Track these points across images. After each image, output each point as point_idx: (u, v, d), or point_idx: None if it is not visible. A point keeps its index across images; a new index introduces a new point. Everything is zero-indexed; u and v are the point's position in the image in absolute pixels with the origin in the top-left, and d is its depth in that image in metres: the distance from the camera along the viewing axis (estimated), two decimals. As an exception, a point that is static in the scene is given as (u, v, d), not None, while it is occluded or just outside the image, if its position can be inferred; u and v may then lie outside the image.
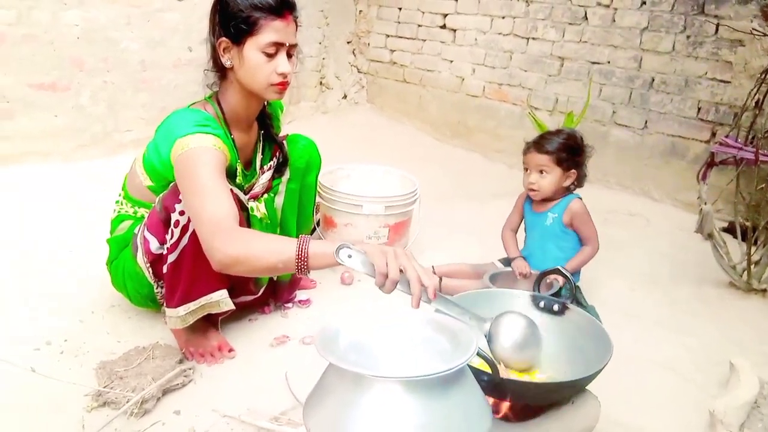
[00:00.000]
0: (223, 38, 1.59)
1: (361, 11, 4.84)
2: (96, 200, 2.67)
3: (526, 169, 2.19)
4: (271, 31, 1.56)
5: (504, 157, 3.98)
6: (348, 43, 4.88)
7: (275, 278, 2.00)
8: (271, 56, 1.58)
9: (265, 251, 1.31)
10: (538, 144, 2.15)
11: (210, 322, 1.79)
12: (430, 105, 4.53)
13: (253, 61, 1.58)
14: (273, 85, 1.61)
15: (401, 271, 1.15)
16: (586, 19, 3.62)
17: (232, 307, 1.70)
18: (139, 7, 3.34)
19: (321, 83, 4.75)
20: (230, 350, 1.79)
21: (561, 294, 1.70)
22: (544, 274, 1.63)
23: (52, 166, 3.08)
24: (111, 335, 1.83)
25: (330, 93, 4.80)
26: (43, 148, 3.10)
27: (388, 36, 4.74)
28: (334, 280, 2.30)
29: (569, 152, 2.13)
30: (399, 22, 4.64)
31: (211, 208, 1.40)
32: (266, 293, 1.98)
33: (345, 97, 4.91)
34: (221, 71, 1.67)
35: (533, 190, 2.16)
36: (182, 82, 3.58)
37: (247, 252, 1.32)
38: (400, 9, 4.61)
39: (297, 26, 1.64)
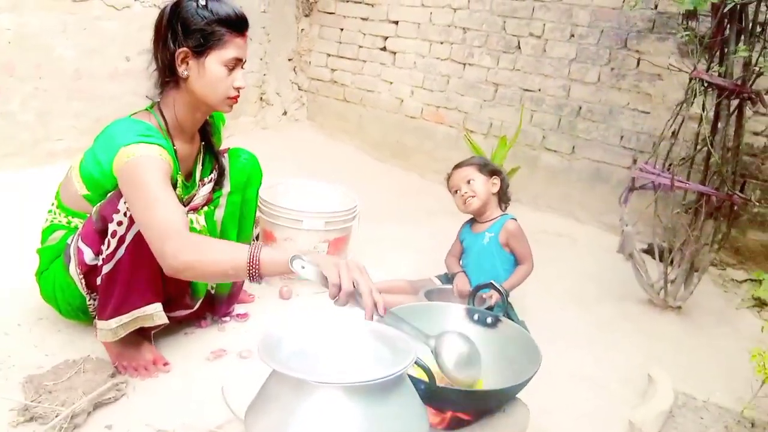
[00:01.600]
0: (184, 48, 1.58)
1: (303, 29, 4.88)
2: (23, 210, 2.57)
3: (455, 192, 2.29)
4: (234, 47, 1.60)
5: (440, 178, 4.03)
6: (289, 60, 4.91)
7: (213, 291, 1.99)
8: (230, 70, 1.61)
9: (216, 257, 1.32)
10: (456, 165, 2.35)
11: (143, 336, 1.76)
12: (370, 125, 4.61)
13: (213, 74, 1.60)
14: (229, 98, 1.66)
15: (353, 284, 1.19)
16: (519, 48, 3.79)
17: (166, 321, 1.68)
18: (75, 14, 3.26)
19: (261, 99, 4.74)
20: (165, 364, 1.76)
21: (494, 308, 1.78)
22: (478, 288, 1.70)
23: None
24: (39, 348, 1.76)
25: (270, 109, 4.80)
26: (-34, 154, 2.96)
27: (329, 55, 4.80)
28: (272, 294, 2.30)
29: (485, 164, 2.33)
30: (340, 42, 4.72)
31: (161, 215, 1.40)
32: (203, 307, 1.97)
33: (285, 113, 4.92)
34: (171, 81, 1.67)
35: (471, 197, 2.24)
36: (119, 93, 3.51)
37: (198, 257, 1.33)
38: (341, 29, 4.69)
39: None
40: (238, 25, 1.61)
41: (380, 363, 1.08)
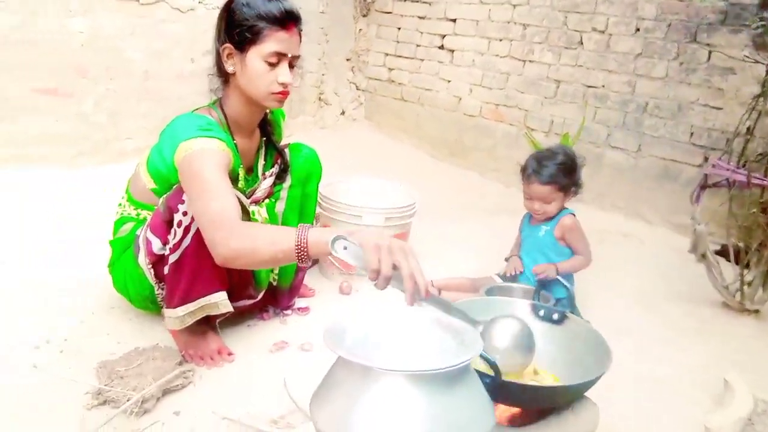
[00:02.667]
0: (228, 44, 1.63)
1: (360, 29, 4.91)
2: (96, 205, 2.66)
3: (529, 198, 2.22)
4: (275, 41, 1.60)
5: (501, 176, 4.02)
6: (347, 60, 4.95)
7: (275, 284, 2.01)
8: (273, 65, 1.62)
9: (266, 242, 1.33)
10: (538, 174, 2.15)
11: (209, 326, 1.80)
12: (428, 123, 4.59)
13: (254, 69, 1.62)
14: (273, 93, 1.65)
15: (395, 267, 1.15)
16: (582, 43, 3.70)
17: (231, 309, 1.71)
18: (143, 17, 3.38)
19: (320, 99, 4.80)
20: (229, 354, 1.79)
21: (559, 304, 1.73)
22: (542, 284, 1.66)
23: (52, 170, 3.08)
24: (111, 336, 1.83)
25: (328, 109, 4.85)
26: (44, 152, 3.11)
27: (386, 54, 4.81)
28: (332, 289, 2.32)
29: (567, 174, 2.17)
30: (398, 42, 4.72)
31: (214, 205, 1.42)
32: (265, 299, 1.99)
33: (343, 113, 4.96)
34: (224, 77, 1.71)
35: (543, 212, 2.20)
36: (184, 93, 3.61)
37: (249, 244, 1.34)
38: (399, 29, 4.69)
39: (301, 38, 1.68)
40: (279, 19, 1.60)
41: (446, 353, 1.06)
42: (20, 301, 1.95)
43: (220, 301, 1.67)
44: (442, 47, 4.43)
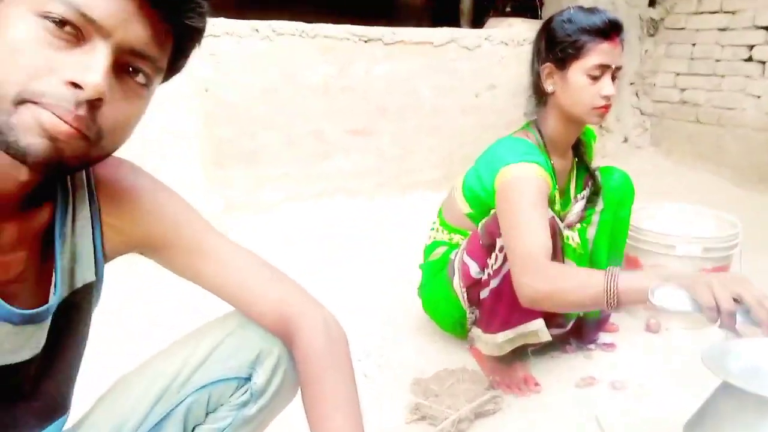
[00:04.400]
0: (548, 63, 1.62)
1: (646, 50, 4.59)
2: (394, 233, 2.91)
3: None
4: (598, 53, 1.55)
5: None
6: (631, 84, 4.65)
7: (581, 315, 1.91)
8: (595, 79, 1.57)
9: (572, 286, 1.28)
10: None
11: (514, 353, 1.77)
12: (730, 146, 4.06)
13: (577, 84, 1.58)
14: (595, 108, 1.59)
15: (735, 300, 1.00)
16: None
17: (549, 338, 1.66)
18: (435, 58, 3.61)
19: (600, 126, 4.58)
20: (536, 384, 1.74)
21: None
22: None
23: (356, 202, 3.44)
24: (420, 355, 1.91)
25: (610, 136, 4.60)
26: (351, 186, 3.48)
27: (677, 74, 4.41)
28: (638, 326, 2.13)
29: None
30: (692, 59, 4.29)
31: (524, 242, 1.41)
32: (568, 332, 1.91)
33: (626, 140, 4.66)
34: (542, 97, 1.70)
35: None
36: (467, 127, 3.76)
37: (555, 287, 1.30)
38: (693, 45, 4.26)
39: (623, 48, 1.61)
40: (603, 30, 1.55)
41: None
42: (347, 317, 2.15)
43: (539, 329, 1.63)
44: (749, 59, 3.90)
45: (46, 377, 0.77)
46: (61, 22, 0.60)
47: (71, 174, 0.75)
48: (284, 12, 3.51)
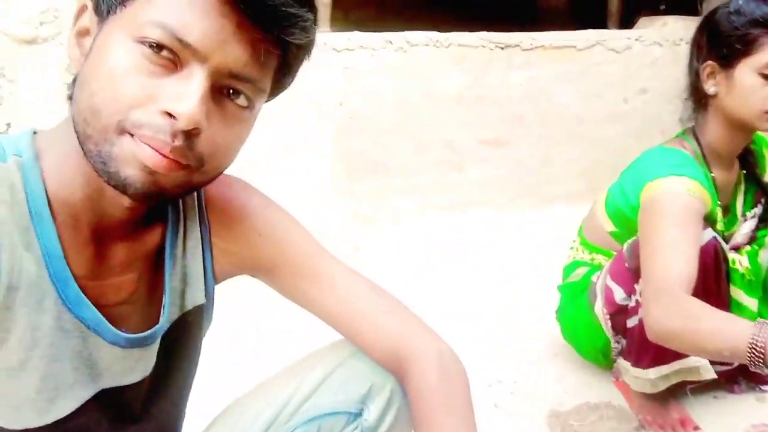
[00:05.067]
0: (710, 62, 1.42)
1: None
2: (529, 250, 2.75)
3: None
4: None
5: None
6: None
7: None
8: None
9: (709, 329, 1.13)
10: None
11: (670, 391, 1.56)
12: None
13: (745, 85, 1.37)
14: (767, 112, 1.37)
15: None
16: None
17: (714, 375, 1.45)
18: (577, 62, 3.40)
19: None
20: (695, 428, 1.52)
21: None
22: None
23: (489, 215, 3.31)
24: (558, 384, 1.76)
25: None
26: (483, 198, 3.36)
27: None
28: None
29: None
30: None
31: (661, 268, 1.25)
32: (737, 368, 1.65)
33: None
34: (702, 101, 1.49)
35: None
36: (613, 135, 3.48)
37: (688, 326, 1.15)
38: None
39: None
40: None
41: None
42: (478, 339, 2.04)
43: (701, 366, 1.42)
44: None
45: (157, 400, 0.76)
46: (158, 47, 0.58)
47: (177, 199, 0.74)
48: (418, 22, 3.49)
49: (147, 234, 0.72)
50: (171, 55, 0.59)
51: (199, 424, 0.89)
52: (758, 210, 1.59)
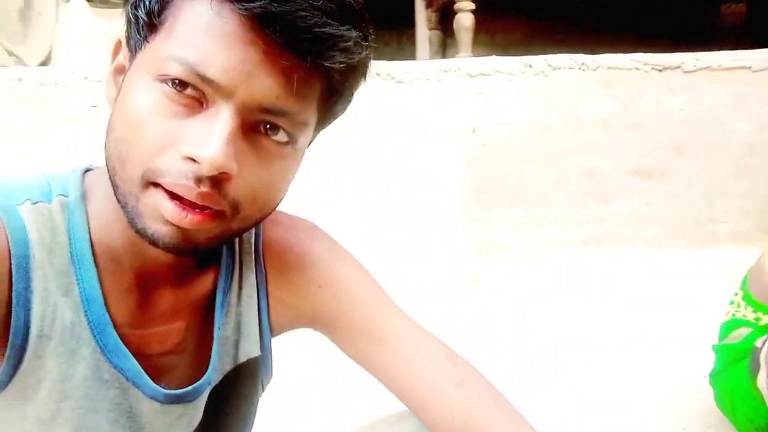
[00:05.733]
0: None
1: None
2: (686, 296, 2.43)
3: None
4: None
5: None
6: None
7: None
8: None
9: None
10: None
11: None
12: None
13: None
14: None
15: None
16: None
17: None
18: (753, 86, 3.00)
19: None
20: None
21: None
22: None
23: (636, 253, 3.00)
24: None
25: None
26: (630, 233, 3.06)
27: None
28: None
29: None
30: None
31: None
32: None
33: None
34: None
35: None
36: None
37: None
38: None
39: None
40: None
41: None
42: (616, 400, 1.81)
43: None
44: None
45: None
46: (181, 84, 0.52)
47: (222, 245, 0.67)
48: (567, 45, 3.29)
49: (197, 279, 0.67)
50: (195, 93, 0.52)
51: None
52: None
